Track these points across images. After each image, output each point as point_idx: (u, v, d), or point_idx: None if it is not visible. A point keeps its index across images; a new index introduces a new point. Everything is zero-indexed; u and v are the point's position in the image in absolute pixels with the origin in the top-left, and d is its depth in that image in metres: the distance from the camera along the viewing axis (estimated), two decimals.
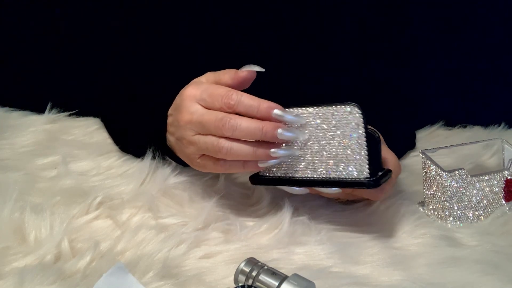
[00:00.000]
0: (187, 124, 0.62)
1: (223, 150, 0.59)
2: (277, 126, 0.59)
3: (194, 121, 0.61)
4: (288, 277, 0.52)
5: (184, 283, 0.55)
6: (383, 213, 0.69)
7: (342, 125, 0.58)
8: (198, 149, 0.62)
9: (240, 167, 0.61)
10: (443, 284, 0.57)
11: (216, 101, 0.60)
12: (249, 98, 0.60)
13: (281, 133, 0.58)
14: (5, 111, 0.88)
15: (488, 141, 0.80)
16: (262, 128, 0.58)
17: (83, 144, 0.80)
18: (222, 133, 0.59)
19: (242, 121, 0.59)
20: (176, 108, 0.64)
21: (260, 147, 0.59)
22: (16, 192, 0.65)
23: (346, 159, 0.59)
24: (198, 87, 0.62)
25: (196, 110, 0.61)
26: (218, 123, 0.59)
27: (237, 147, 0.59)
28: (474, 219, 0.69)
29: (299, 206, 0.68)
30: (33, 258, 0.57)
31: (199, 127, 0.61)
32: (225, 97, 0.60)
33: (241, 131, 0.58)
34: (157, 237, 0.61)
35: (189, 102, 0.62)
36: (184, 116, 0.62)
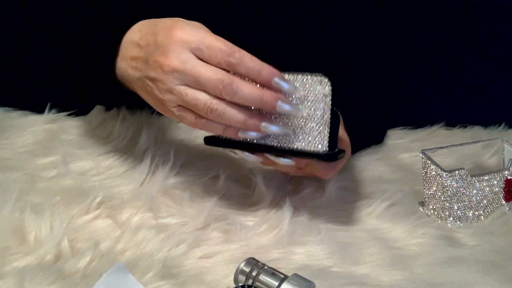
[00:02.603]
0: (174, 72, 0.56)
1: (215, 112, 0.56)
2: (277, 97, 0.56)
3: (185, 71, 0.55)
4: (288, 277, 0.52)
5: (184, 283, 0.55)
6: (383, 213, 0.69)
7: (310, 96, 0.58)
8: (180, 101, 0.57)
9: (219, 130, 0.58)
10: (443, 284, 0.57)
11: (215, 55, 0.55)
12: (251, 59, 0.56)
13: (281, 105, 0.56)
14: (5, 111, 0.88)
15: (488, 141, 0.80)
16: (263, 97, 0.56)
17: (83, 144, 0.80)
18: (220, 94, 0.55)
19: (244, 85, 0.55)
20: (158, 47, 0.57)
21: (252, 117, 0.57)
22: (16, 192, 0.65)
23: (309, 130, 0.58)
24: (194, 33, 0.56)
25: (188, 60, 0.56)
26: (219, 83, 0.55)
27: (230, 113, 0.56)
28: (474, 219, 0.69)
29: (299, 206, 0.68)
30: (33, 258, 0.57)
31: (190, 79, 0.56)
32: (227, 53, 0.55)
33: (241, 97, 0.55)
34: (157, 237, 0.61)
35: (180, 47, 0.56)
36: (172, 61, 0.56)
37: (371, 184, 0.75)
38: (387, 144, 0.88)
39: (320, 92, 0.58)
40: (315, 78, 0.58)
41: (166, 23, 0.59)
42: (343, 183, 0.73)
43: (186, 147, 0.78)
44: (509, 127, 0.94)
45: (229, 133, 0.59)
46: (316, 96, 0.58)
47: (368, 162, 0.82)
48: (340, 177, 0.75)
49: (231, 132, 0.58)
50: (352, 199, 0.72)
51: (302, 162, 0.62)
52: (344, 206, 0.70)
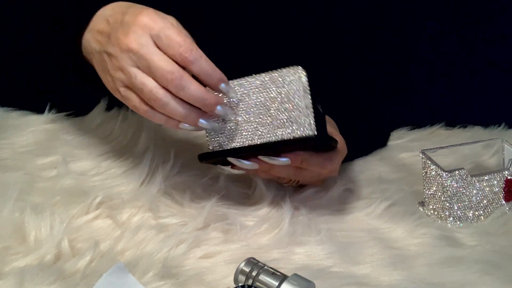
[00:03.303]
0: (130, 52, 0.57)
1: (158, 102, 0.57)
2: (218, 101, 0.59)
3: (140, 54, 0.57)
4: (288, 277, 0.52)
5: (184, 283, 0.55)
6: (383, 213, 0.69)
7: (288, 88, 0.60)
8: (128, 81, 0.58)
9: (162, 120, 0.59)
10: (443, 284, 0.57)
11: (172, 47, 0.57)
12: (206, 61, 0.58)
13: (219, 109, 0.59)
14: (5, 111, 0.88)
15: (488, 141, 0.80)
16: (206, 100, 0.57)
17: (83, 144, 0.80)
18: (167, 85, 0.57)
19: (191, 84, 0.57)
20: (122, 25, 0.59)
21: (193, 112, 0.58)
22: (16, 192, 0.65)
23: (294, 119, 0.60)
24: (157, 21, 0.58)
25: (146, 44, 0.57)
26: (167, 74, 0.56)
27: (173, 105, 0.57)
28: (474, 219, 0.69)
29: (299, 206, 0.68)
30: (33, 258, 0.57)
31: (143, 63, 0.57)
32: (184, 49, 0.57)
33: (186, 93, 0.57)
34: (157, 237, 0.61)
35: (141, 30, 0.57)
36: (130, 42, 0.57)
37: (371, 184, 0.75)
38: (387, 144, 0.88)
39: (297, 81, 0.60)
40: (290, 70, 0.60)
41: (137, 7, 0.60)
42: (343, 183, 0.73)
43: (186, 147, 0.77)
44: (509, 127, 0.94)
45: (170, 125, 0.60)
46: (295, 86, 0.60)
47: (368, 162, 0.82)
48: (340, 177, 0.75)
49: (172, 124, 0.60)
50: (352, 199, 0.72)
51: (297, 159, 0.61)
52: (344, 206, 0.70)
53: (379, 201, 0.70)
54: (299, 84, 0.60)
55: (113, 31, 0.60)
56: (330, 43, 0.81)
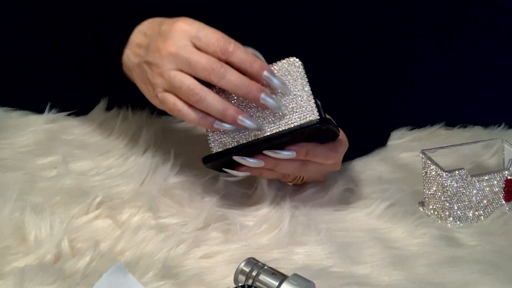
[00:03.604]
0: (170, 56, 0.60)
1: (197, 96, 0.59)
2: (262, 89, 0.59)
3: (180, 55, 0.59)
4: (288, 277, 0.52)
5: (184, 283, 0.55)
6: (383, 213, 0.69)
7: (286, 79, 0.61)
8: (167, 84, 0.60)
9: (196, 119, 0.60)
10: (443, 284, 0.57)
11: (212, 44, 0.59)
12: (245, 51, 0.59)
13: (264, 97, 0.59)
14: (5, 111, 0.88)
15: (488, 141, 0.80)
16: (248, 86, 0.58)
17: (83, 144, 0.80)
18: (209, 77, 0.58)
19: (232, 72, 0.58)
20: (160, 35, 0.61)
21: (231, 108, 0.59)
22: (16, 192, 0.65)
23: (296, 108, 0.61)
24: (193, 24, 0.60)
25: (185, 46, 0.59)
26: (209, 65, 0.58)
27: (211, 99, 0.59)
28: (474, 219, 0.69)
29: (299, 206, 0.68)
30: (33, 258, 0.57)
31: (183, 63, 0.59)
32: (223, 42, 0.59)
33: (228, 81, 0.58)
34: (157, 237, 0.61)
35: (180, 35, 0.60)
36: (170, 46, 0.60)
37: (371, 184, 0.75)
38: (387, 144, 0.88)
39: (295, 71, 0.61)
40: (286, 61, 0.62)
41: (173, 18, 0.63)
42: (343, 183, 0.73)
43: (186, 147, 0.77)
44: (509, 127, 0.94)
45: (204, 123, 0.61)
46: (292, 76, 0.61)
47: (368, 162, 0.82)
48: (340, 177, 0.75)
49: (206, 122, 0.60)
50: (352, 199, 0.72)
51: (302, 151, 0.62)
52: (344, 206, 0.70)
53: (379, 201, 0.70)
54: (296, 74, 0.61)
55: (151, 41, 0.62)
56: (330, 43, 0.81)
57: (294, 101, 0.61)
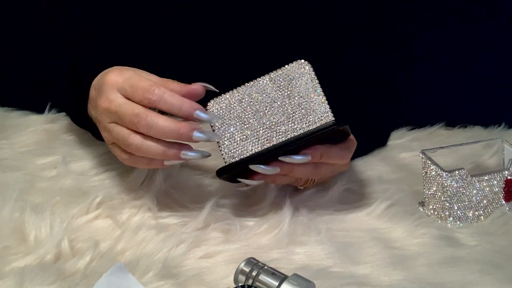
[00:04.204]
0: (104, 111, 0.61)
1: (132, 146, 0.59)
2: (193, 128, 0.58)
3: (111, 109, 0.60)
4: (288, 277, 0.52)
5: (184, 283, 0.55)
6: (383, 213, 0.69)
7: (296, 82, 0.61)
8: (111, 137, 0.61)
9: (145, 164, 0.61)
10: (443, 284, 0.57)
11: (137, 93, 0.59)
12: (171, 96, 0.58)
13: (196, 135, 0.58)
14: (5, 111, 0.88)
15: (488, 141, 0.80)
16: (179, 130, 0.57)
17: (83, 144, 0.80)
18: (137, 128, 0.58)
19: (159, 119, 0.57)
20: (98, 89, 0.63)
21: (172, 147, 0.59)
22: (16, 192, 0.65)
23: (310, 111, 0.60)
24: (121, 74, 0.60)
25: (115, 99, 0.60)
26: (134, 118, 0.58)
27: (148, 146, 0.58)
28: (474, 219, 0.69)
29: (299, 206, 0.68)
30: (33, 258, 0.57)
31: (115, 116, 0.60)
32: (147, 91, 0.58)
33: (157, 130, 0.57)
34: (157, 237, 0.61)
35: (110, 88, 0.60)
36: (103, 102, 0.60)
37: (371, 184, 0.75)
38: (387, 144, 0.88)
39: (304, 74, 0.61)
40: (295, 64, 0.61)
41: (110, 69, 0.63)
42: (343, 183, 0.73)
43: None
44: (509, 127, 0.94)
45: (155, 165, 0.61)
46: (303, 79, 0.61)
47: (368, 162, 0.82)
48: (340, 177, 0.75)
49: (156, 164, 0.61)
50: (352, 199, 0.72)
51: (317, 154, 0.61)
52: (344, 206, 0.70)
53: (379, 201, 0.70)
54: (306, 76, 0.61)
55: (95, 96, 0.63)
56: (330, 43, 0.81)
57: (306, 105, 0.60)
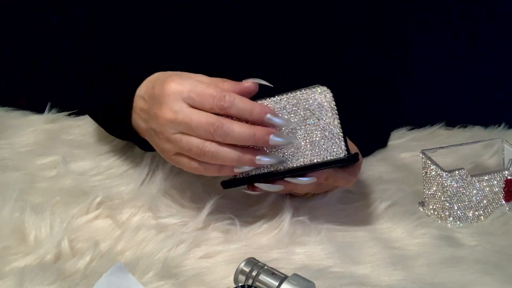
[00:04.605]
0: (169, 123, 0.58)
1: (208, 154, 0.57)
2: (269, 132, 0.57)
3: (179, 121, 0.58)
4: (288, 277, 0.52)
5: (184, 283, 0.55)
6: (383, 213, 0.69)
7: (315, 108, 0.59)
8: (177, 148, 0.59)
9: (215, 171, 0.60)
10: (443, 284, 0.57)
11: (207, 101, 0.57)
12: (242, 101, 0.58)
13: (273, 139, 0.57)
14: (5, 111, 0.88)
15: (488, 141, 0.80)
16: (255, 135, 0.57)
17: (83, 144, 0.80)
18: (213, 137, 0.57)
19: (234, 126, 0.57)
20: (154, 100, 0.60)
21: (246, 153, 0.58)
22: (16, 192, 0.65)
23: (324, 141, 0.59)
24: (183, 83, 0.59)
25: (181, 109, 0.58)
26: (210, 127, 0.57)
27: (224, 153, 0.57)
28: (474, 219, 0.69)
29: (299, 206, 0.68)
30: (33, 258, 0.57)
31: (184, 127, 0.58)
32: (218, 98, 0.57)
33: (233, 137, 0.57)
34: (157, 237, 0.61)
35: (173, 99, 0.58)
36: (166, 113, 0.58)
37: (371, 184, 0.75)
38: (387, 144, 0.88)
39: (323, 101, 0.59)
40: (314, 90, 0.59)
41: (161, 77, 0.62)
42: None
43: None
44: (509, 127, 0.94)
45: (225, 172, 0.60)
46: (321, 106, 0.59)
47: (368, 162, 0.82)
48: None
49: (227, 171, 0.60)
50: (352, 199, 0.72)
51: (322, 177, 0.61)
52: (344, 206, 0.70)
53: (379, 201, 0.70)
54: (326, 105, 0.59)
55: (149, 107, 0.61)
56: (330, 43, 0.81)
57: (321, 133, 0.59)
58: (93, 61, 0.79)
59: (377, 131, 0.88)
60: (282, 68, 0.78)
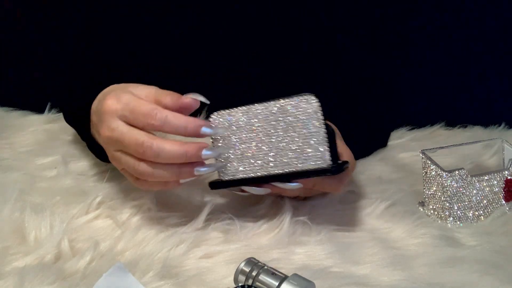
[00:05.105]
0: (108, 140, 0.59)
1: (145, 174, 0.57)
2: (201, 147, 0.56)
3: (114, 139, 0.57)
4: (288, 277, 0.52)
5: (184, 283, 0.55)
6: (383, 213, 0.69)
7: (301, 116, 0.59)
8: (120, 165, 0.60)
9: (161, 186, 0.59)
10: (443, 284, 0.57)
11: (139, 119, 0.56)
12: (175, 117, 0.56)
13: (205, 153, 0.57)
14: (5, 111, 0.88)
15: (488, 141, 0.80)
16: (187, 153, 0.56)
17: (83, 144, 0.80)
18: (144, 157, 0.56)
19: (165, 145, 0.55)
20: (98, 117, 0.61)
21: (184, 167, 0.57)
22: (16, 192, 0.65)
23: (308, 149, 0.59)
24: (119, 101, 0.58)
25: (116, 127, 0.57)
26: (139, 147, 0.56)
27: (159, 173, 0.57)
28: (474, 219, 0.69)
29: (299, 206, 0.68)
30: (33, 258, 0.57)
31: (119, 145, 0.58)
32: (149, 116, 0.56)
33: (164, 156, 0.56)
34: (157, 237, 0.61)
35: (109, 116, 0.58)
36: (104, 131, 0.58)
37: (371, 184, 0.75)
38: (387, 144, 0.88)
39: (310, 110, 0.59)
40: (301, 98, 0.59)
41: (107, 92, 0.62)
42: None
43: None
44: (509, 127, 0.94)
45: (171, 186, 0.60)
46: (307, 115, 0.59)
47: (368, 162, 0.82)
48: None
49: (171, 186, 0.60)
50: (352, 199, 0.72)
51: (310, 183, 0.62)
52: (344, 206, 0.70)
53: (379, 201, 0.70)
54: (312, 114, 0.58)
55: (96, 123, 0.62)
56: (330, 43, 0.81)
57: (307, 142, 0.59)
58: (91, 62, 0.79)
59: (377, 131, 0.88)
60: (282, 68, 0.78)
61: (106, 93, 0.62)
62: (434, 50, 0.96)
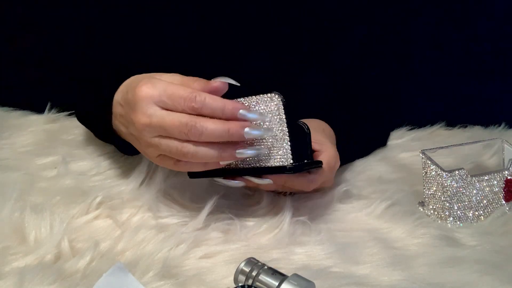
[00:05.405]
0: (145, 127, 0.58)
1: (188, 154, 0.58)
2: (243, 125, 0.57)
3: (153, 125, 0.58)
4: (288, 277, 0.52)
5: (184, 283, 0.55)
6: (383, 213, 0.69)
7: (266, 114, 0.59)
8: (158, 151, 0.60)
9: (201, 167, 0.60)
10: (443, 284, 0.57)
11: (178, 103, 0.57)
12: (213, 99, 0.57)
13: (248, 132, 0.57)
14: (5, 111, 0.88)
15: (488, 141, 0.80)
16: (229, 130, 0.57)
17: (83, 144, 0.80)
18: (188, 137, 0.57)
19: (207, 124, 0.56)
20: (129, 105, 0.61)
21: (226, 148, 0.58)
22: (16, 192, 0.65)
23: (271, 147, 0.60)
24: (155, 87, 0.58)
25: (154, 112, 0.58)
26: (183, 128, 0.56)
27: (203, 152, 0.57)
28: (474, 219, 0.69)
29: (299, 206, 0.68)
30: (33, 258, 0.57)
31: (159, 130, 0.58)
32: (188, 99, 0.57)
33: (208, 135, 0.57)
34: (157, 237, 0.61)
35: (146, 103, 0.58)
36: (141, 118, 0.58)
37: (371, 184, 0.75)
38: (387, 144, 0.88)
39: (274, 108, 0.59)
40: (267, 96, 0.59)
41: (134, 81, 0.62)
42: (343, 183, 0.73)
43: None
44: (509, 127, 0.94)
45: (211, 166, 0.60)
46: (271, 113, 0.59)
47: (368, 162, 0.82)
48: (340, 177, 0.75)
49: (212, 166, 0.60)
50: (352, 199, 0.72)
51: (280, 180, 0.62)
52: (344, 206, 0.70)
53: (379, 201, 0.70)
54: (276, 112, 0.59)
55: (126, 112, 0.62)
56: (330, 43, 0.81)
57: (271, 139, 0.60)
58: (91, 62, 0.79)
59: (377, 131, 0.88)
60: (282, 68, 0.78)
61: (133, 82, 0.62)
62: (434, 50, 0.96)
